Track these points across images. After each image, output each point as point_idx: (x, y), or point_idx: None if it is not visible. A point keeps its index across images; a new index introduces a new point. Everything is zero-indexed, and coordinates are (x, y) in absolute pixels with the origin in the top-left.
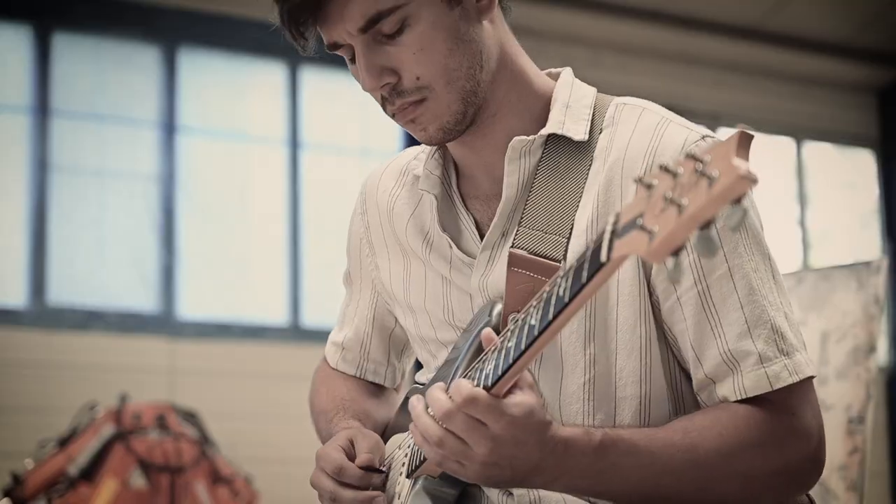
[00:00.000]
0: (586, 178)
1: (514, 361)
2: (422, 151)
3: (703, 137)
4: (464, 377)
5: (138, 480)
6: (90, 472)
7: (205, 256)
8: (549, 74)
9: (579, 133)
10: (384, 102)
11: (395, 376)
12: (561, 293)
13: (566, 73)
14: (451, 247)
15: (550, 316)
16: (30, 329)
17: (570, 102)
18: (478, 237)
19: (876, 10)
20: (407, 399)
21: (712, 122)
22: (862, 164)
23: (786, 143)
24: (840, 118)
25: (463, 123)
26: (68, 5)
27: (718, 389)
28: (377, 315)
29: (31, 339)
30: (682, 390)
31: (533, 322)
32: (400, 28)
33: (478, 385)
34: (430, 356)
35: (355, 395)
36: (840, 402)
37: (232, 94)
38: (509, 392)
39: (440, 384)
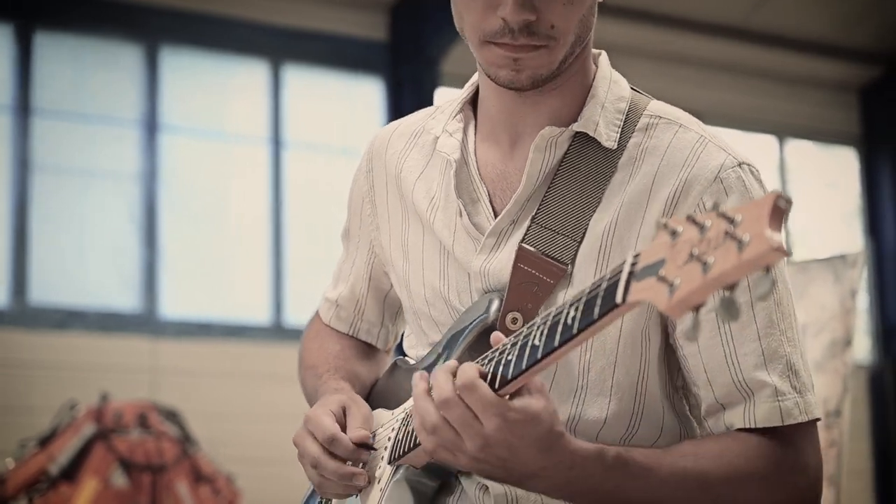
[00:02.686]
0: (607, 185)
1: (513, 378)
2: (438, 111)
3: (741, 164)
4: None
5: (119, 479)
6: (71, 472)
7: (187, 255)
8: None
9: (610, 140)
10: (503, 32)
11: (387, 338)
12: (569, 322)
13: (604, 62)
14: (460, 214)
15: (556, 343)
16: (10, 328)
17: (606, 103)
18: (490, 211)
19: (858, 10)
20: (394, 365)
21: None
22: (844, 162)
23: (768, 141)
24: (822, 116)
25: (549, 80)
26: (50, 4)
27: (727, 416)
28: (373, 275)
29: (12, 338)
30: (675, 411)
31: (536, 343)
32: None
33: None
34: (422, 332)
35: (347, 353)
36: (817, 395)
37: (214, 93)
38: (516, 394)
39: (450, 364)
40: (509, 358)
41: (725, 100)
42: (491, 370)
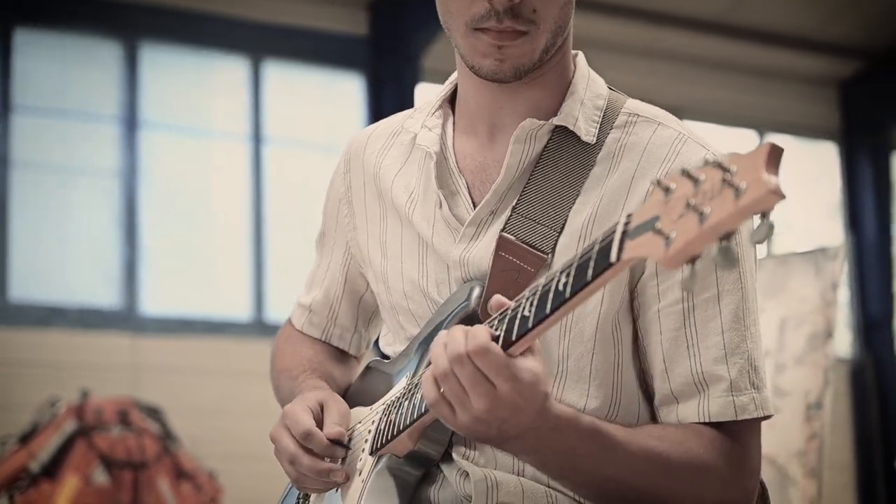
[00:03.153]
0: (586, 178)
1: (519, 338)
2: (417, 111)
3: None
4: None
5: (100, 477)
6: (52, 469)
7: (168, 252)
8: None
9: (589, 135)
10: (488, 15)
11: (360, 344)
12: (561, 288)
13: (582, 62)
14: (440, 206)
15: (548, 309)
16: None
17: (585, 99)
18: (469, 202)
19: (837, 4)
20: (367, 368)
21: (675, 115)
22: (824, 157)
23: (748, 136)
24: (802, 111)
25: (531, 71)
26: (30, 1)
27: (681, 409)
28: (349, 277)
29: None
30: (649, 400)
31: (527, 314)
32: None
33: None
34: (399, 327)
35: (321, 357)
36: (798, 388)
37: (194, 90)
38: (520, 354)
39: (463, 327)
40: (516, 315)
41: (706, 95)
42: (504, 330)
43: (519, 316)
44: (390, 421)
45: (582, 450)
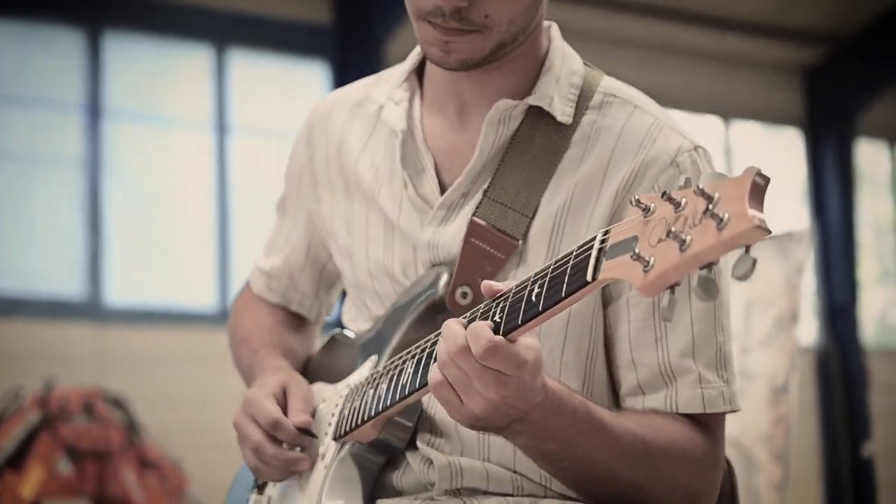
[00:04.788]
0: (560, 161)
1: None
2: (382, 79)
3: (696, 148)
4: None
5: (65, 467)
6: (16, 459)
7: (132, 242)
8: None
9: (565, 115)
10: (434, 13)
11: (320, 310)
12: (534, 299)
13: (556, 34)
14: (406, 186)
15: (519, 320)
16: None
17: (561, 77)
18: (436, 182)
19: None
20: (332, 339)
21: None
22: (789, 143)
23: (713, 123)
24: (767, 97)
25: (482, 64)
26: None
27: (647, 400)
28: (311, 248)
29: None
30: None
31: (497, 319)
32: None
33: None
34: (364, 305)
35: (280, 328)
36: (763, 370)
37: (158, 78)
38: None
39: (460, 321)
40: (521, 299)
41: (670, 82)
42: (506, 315)
43: (524, 300)
44: (354, 408)
45: (572, 430)
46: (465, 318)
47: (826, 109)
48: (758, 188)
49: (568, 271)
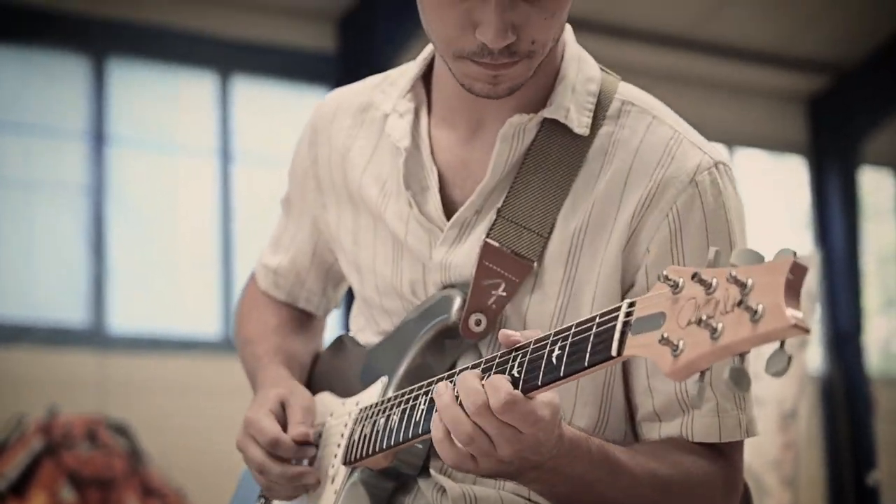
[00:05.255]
0: (576, 177)
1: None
2: (388, 84)
3: (716, 164)
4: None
5: (68, 494)
6: (19, 487)
7: (135, 269)
8: None
9: (581, 126)
10: (481, 53)
11: (328, 306)
12: (554, 361)
13: (570, 38)
14: (410, 206)
15: (539, 381)
16: None
17: (577, 85)
18: (439, 201)
19: (804, 20)
20: (340, 342)
21: None
22: (794, 171)
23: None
24: (772, 125)
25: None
26: None
27: (664, 427)
28: (317, 251)
29: None
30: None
31: (515, 374)
32: None
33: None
34: (372, 319)
35: (285, 329)
36: (773, 396)
37: (162, 105)
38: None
39: (476, 372)
40: (541, 357)
41: (675, 109)
42: (525, 371)
43: (544, 360)
44: (365, 435)
45: (590, 476)
46: (479, 367)
47: (830, 137)
48: (795, 279)
49: (591, 340)
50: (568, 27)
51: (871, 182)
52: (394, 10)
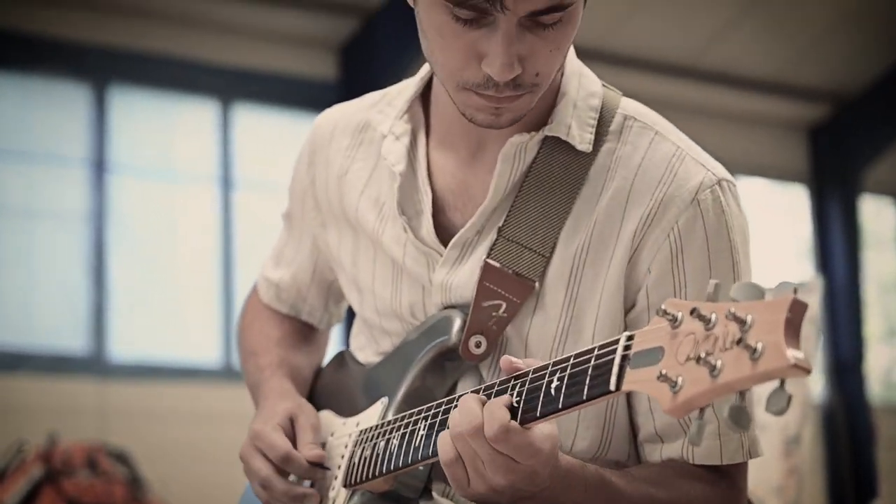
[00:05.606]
0: (578, 195)
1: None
2: (386, 103)
3: (719, 182)
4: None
5: None
6: None
7: (136, 296)
8: None
9: (584, 142)
10: (486, 85)
11: (330, 321)
12: (552, 392)
13: (572, 56)
14: (406, 231)
15: (537, 413)
16: None
17: (578, 101)
18: (431, 225)
19: (805, 49)
20: (341, 358)
21: None
22: (795, 200)
23: None
24: (773, 154)
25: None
26: None
27: (665, 449)
28: (317, 268)
29: None
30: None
31: (514, 403)
32: (554, 24)
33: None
34: (372, 339)
35: (288, 341)
36: (776, 422)
37: (163, 132)
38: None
39: (478, 397)
40: (540, 388)
41: None
42: (524, 401)
43: (542, 390)
44: (365, 458)
45: (587, 503)
46: (482, 392)
47: (831, 166)
48: (795, 318)
49: (589, 372)
50: (570, 48)
51: (872, 211)
52: (395, 38)
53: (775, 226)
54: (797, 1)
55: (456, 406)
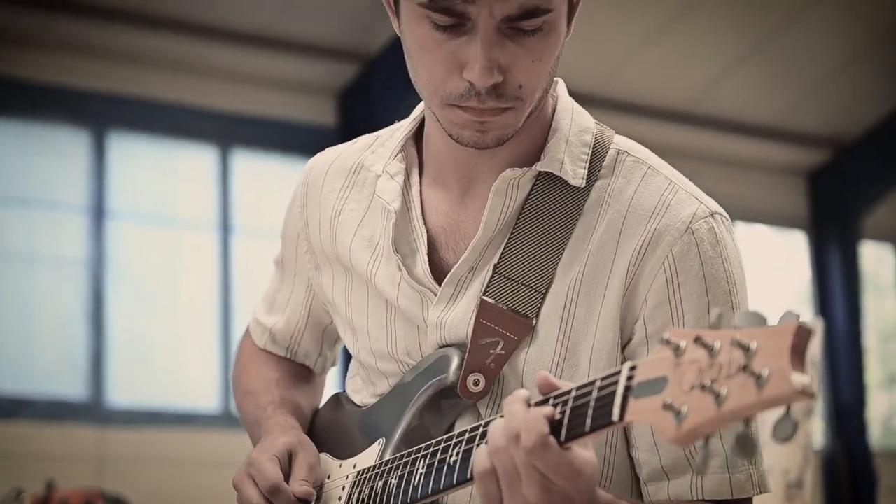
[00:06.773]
0: (572, 231)
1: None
2: (379, 144)
3: (713, 214)
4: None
5: None
6: None
7: (135, 343)
8: None
9: (577, 178)
10: (468, 95)
11: (325, 365)
12: (555, 425)
13: (563, 90)
14: (400, 269)
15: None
16: None
17: (570, 136)
18: (427, 262)
19: (803, 95)
20: (337, 401)
21: None
22: (794, 245)
23: None
24: (772, 200)
25: (513, 136)
26: None
27: (672, 486)
28: (312, 312)
29: None
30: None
31: (591, 410)
32: (534, 31)
33: None
34: (368, 381)
35: (287, 382)
36: (778, 465)
37: (162, 179)
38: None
39: (524, 397)
40: (587, 405)
41: None
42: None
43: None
44: (362, 499)
45: None
46: (482, 427)
47: (830, 212)
48: (800, 343)
49: (592, 404)
50: (560, 81)
51: (872, 257)
52: (393, 83)
53: (774, 271)
54: (796, 47)
55: (455, 443)
